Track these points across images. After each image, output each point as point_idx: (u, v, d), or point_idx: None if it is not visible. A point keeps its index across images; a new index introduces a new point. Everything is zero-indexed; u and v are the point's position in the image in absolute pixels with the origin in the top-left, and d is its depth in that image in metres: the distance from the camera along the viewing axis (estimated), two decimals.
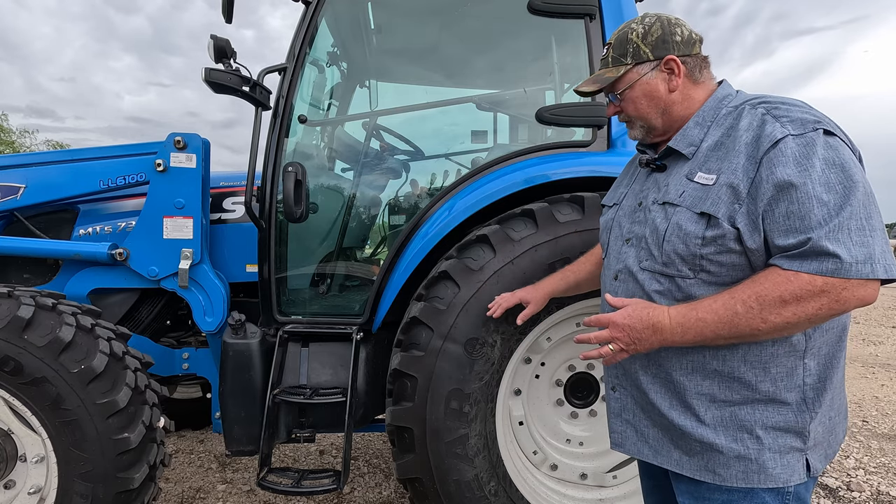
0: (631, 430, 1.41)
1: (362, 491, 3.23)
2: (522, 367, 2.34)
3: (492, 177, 2.33)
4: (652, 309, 1.20)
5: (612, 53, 1.38)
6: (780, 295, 1.07)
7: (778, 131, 1.13)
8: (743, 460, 1.21)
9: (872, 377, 6.11)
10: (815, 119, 1.13)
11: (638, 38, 1.34)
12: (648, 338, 1.20)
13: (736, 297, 1.12)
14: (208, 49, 2.22)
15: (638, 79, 1.34)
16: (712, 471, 1.24)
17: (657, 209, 1.31)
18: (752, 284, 1.12)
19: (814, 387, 1.20)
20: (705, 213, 1.18)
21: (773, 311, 1.08)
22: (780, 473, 1.20)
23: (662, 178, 1.36)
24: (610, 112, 1.45)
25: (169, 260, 2.44)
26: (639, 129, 1.41)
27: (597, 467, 2.39)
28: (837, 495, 3.28)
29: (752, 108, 1.22)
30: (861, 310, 11.14)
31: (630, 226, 1.42)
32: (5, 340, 1.88)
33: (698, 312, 1.15)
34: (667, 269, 1.26)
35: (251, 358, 2.31)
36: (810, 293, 1.06)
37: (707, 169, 1.23)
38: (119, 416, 1.96)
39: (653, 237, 1.30)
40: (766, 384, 1.20)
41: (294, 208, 2.37)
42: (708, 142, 1.27)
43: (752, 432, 1.21)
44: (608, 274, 1.47)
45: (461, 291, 2.07)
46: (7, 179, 2.54)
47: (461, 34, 2.97)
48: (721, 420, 1.24)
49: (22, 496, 1.99)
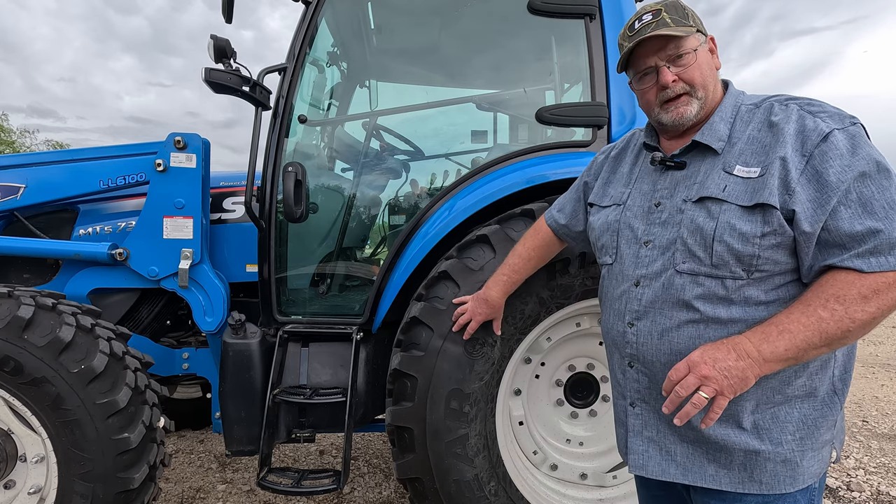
0: (654, 449, 1.30)
1: (362, 491, 3.23)
2: (522, 367, 2.34)
3: (492, 177, 2.33)
4: (730, 341, 1.10)
5: (670, 15, 1.24)
6: (860, 291, 1.05)
7: (822, 126, 1.12)
8: (789, 464, 1.17)
9: (872, 377, 6.11)
10: (849, 115, 1.15)
11: (690, 10, 1.28)
12: (735, 368, 1.07)
13: (811, 304, 1.07)
14: (208, 49, 2.22)
15: (699, 45, 1.25)
16: (759, 481, 1.18)
17: (694, 208, 1.22)
18: (821, 289, 1.08)
19: (841, 377, 1.21)
20: (760, 203, 1.12)
21: (858, 309, 1.05)
22: (817, 469, 1.20)
23: (687, 176, 1.28)
24: (667, 78, 1.25)
25: (169, 260, 2.44)
26: (696, 103, 1.26)
27: (597, 467, 2.39)
28: (837, 495, 3.28)
29: (783, 105, 1.20)
30: None
31: (647, 227, 1.31)
32: (5, 340, 1.88)
33: (779, 326, 1.07)
34: (717, 270, 1.17)
35: (251, 358, 2.31)
36: (885, 285, 1.05)
37: (744, 162, 1.18)
38: (119, 416, 1.96)
39: (695, 237, 1.20)
40: (802, 379, 1.18)
41: (294, 208, 2.37)
42: (737, 136, 1.23)
43: (794, 433, 1.18)
44: (623, 281, 1.34)
45: (461, 291, 2.07)
46: (7, 179, 2.54)
47: (461, 34, 2.97)
48: (763, 423, 1.18)
49: (22, 496, 1.99)
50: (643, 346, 1.28)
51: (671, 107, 1.28)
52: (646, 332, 1.28)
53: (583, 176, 1.70)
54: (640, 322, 1.29)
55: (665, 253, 1.26)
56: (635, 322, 1.30)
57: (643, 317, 1.28)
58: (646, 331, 1.28)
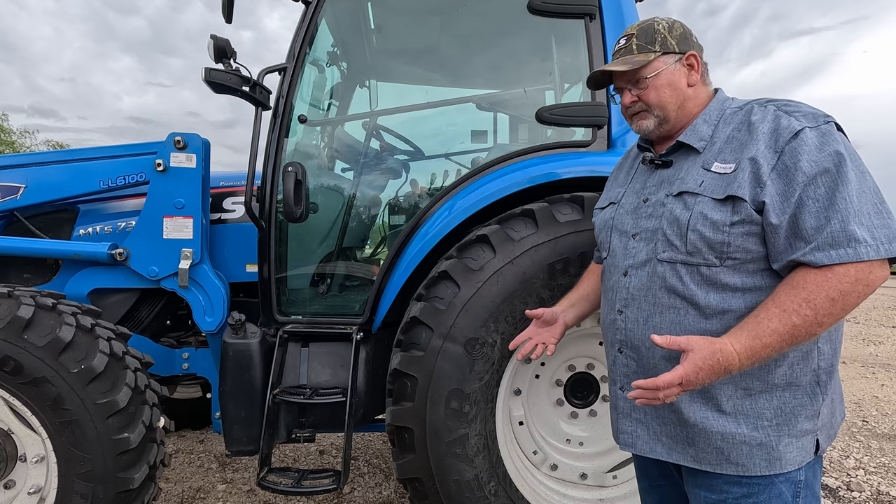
0: (643, 430, 1.40)
1: (362, 491, 3.23)
2: (522, 367, 2.34)
3: (492, 177, 2.33)
4: (720, 353, 1.14)
5: (636, 42, 1.40)
6: (828, 294, 1.11)
7: (795, 124, 1.19)
8: (765, 447, 1.23)
9: (872, 377, 6.11)
10: (823, 114, 1.22)
11: (664, 30, 1.40)
12: (717, 379, 1.17)
13: (788, 309, 1.12)
14: (208, 49, 2.22)
15: (664, 68, 1.38)
16: (735, 462, 1.25)
17: (673, 201, 1.32)
18: (794, 291, 1.13)
19: (826, 370, 1.25)
20: (730, 196, 1.21)
21: (826, 313, 1.11)
22: (796, 457, 1.23)
23: (671, 174, 1.39)
24: (626, 100, 1.43)
25: (169, 260, 2.44)
26: (653, 119, 1.41)
27: (597, 467, 2.39)
28: (837, 495, 3.28)
29: (762, 106, 1.29)
30: (861, 310, 11.15)
31: (635, 221, 1.42)
32: (5, 340, 1.88)
33: (762, 340, 1.13)
34: (692, 257, 1.27)
35: (251, 358, 2.31)
36: (849, 284, 1.10)
37: (723, 160, 1.27)
38: (119, 416, 1.96)
39: (673, 228, 1.30)
40: (783, 368, 1.23)
41: (294, 208, 2.37)
42: (719, 136, 1.33)
43: (771, 419, 1.23)
44: (615, 272, 1.46)
45: (461, 291, 2.06)
46: (7, 179, 2.54)
47: (461, 34, 2.97)
48: (742, 409, 1.25)
49: (22, 496, 1.99)
50: (630, 332, 1.38)
51: (634, 120, 1.46)
52: (633, 319, 1.37)
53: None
54: (628, 309, 1.39)
55: (649, 244, 1.36)
56: (624, 309, 1.40)
57: (631, 304, 1.38)
58: (633, 317, 1.37)
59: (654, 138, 1.47)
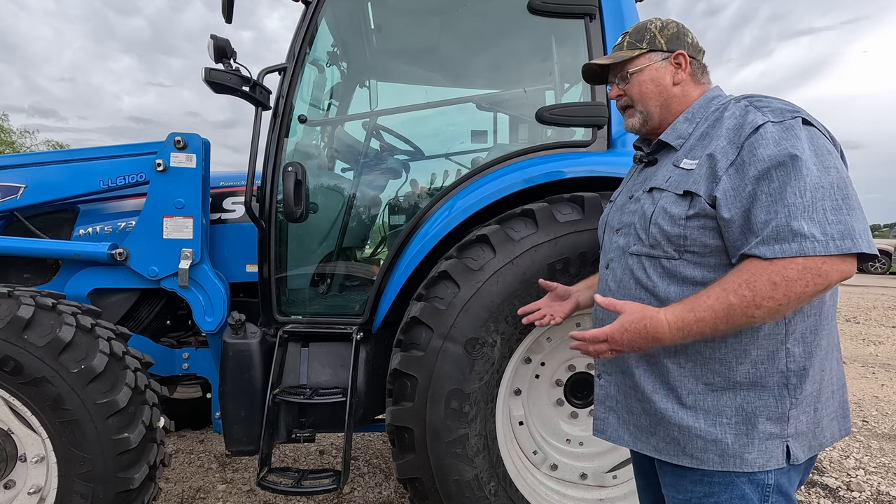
0: (613, 417, 1.45)
1: (362, 491, 3.23)
2: (522, 366, 2.34)
3: (492, 177, 2.33)
4: (649, 319, 1.19)
5: (627, 39, 1.47)
6: (769, 278, 1.10)
7: (759, 119, 1.20)
8: (719, 444, 1.23)
9: (872, 377, 6.11)
10: (793, 109, 1.21)
11: (655, 29, 1.44)
12: (647, 346, 1.22)
13: (727, 288, 1.14)
14: (208, 49, 2.22)
15: (649, 64, 1.42)
16: (690, 454, 1.26)
17: (645, 196, 1.38)
18: (738, 273, 1.15)
19: (797, 373, 1.22)
20: (688, 191, 1.24)
21: (766, 296, 1.10)
22: (756, 459, 1.21)
23: (652, 171, 1.44)
24: (613, 94, 1.50)
25: (169, 260, 2.44)
26: (637, 116, 1.46)
27: (597, 467, 2.39)
28: (837, 495, 3.28)
29: (736, 102, 1.30)
30: (861, 310, 11.13)
31: (620, 217, 1.49)
32: (5, 340, 1.88)
33: (696, 314, 1.15)
34: (653, 250, 1.31)
35: (251, 358, 2.31)
36: (795, 272, 1.09)
37: (692, 156, 1.30)
38: (119, 416, 1.96)
39: (640, 222, 1.36)
40: (746, 366, 1.22)
41: (294, 208, 2.37)
42: (695, 134, 1.36)
43: (731, 417, 1.23)
44: (602, 266, 1.53)
45: (461, 291, 2.07)
46: (7, 179, 2.54)
47: (461, 34, 2.97)
48: (702, 404, 1.26)
49: (22, 496, 1.99)
50: (607, 321, 1.38)
51: (624, 116, 1.51)
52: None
53: None
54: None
55: (626, 238, 1.42)
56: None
57: (608, 295, 1.43)
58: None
59: (642, 136, 1.53)
